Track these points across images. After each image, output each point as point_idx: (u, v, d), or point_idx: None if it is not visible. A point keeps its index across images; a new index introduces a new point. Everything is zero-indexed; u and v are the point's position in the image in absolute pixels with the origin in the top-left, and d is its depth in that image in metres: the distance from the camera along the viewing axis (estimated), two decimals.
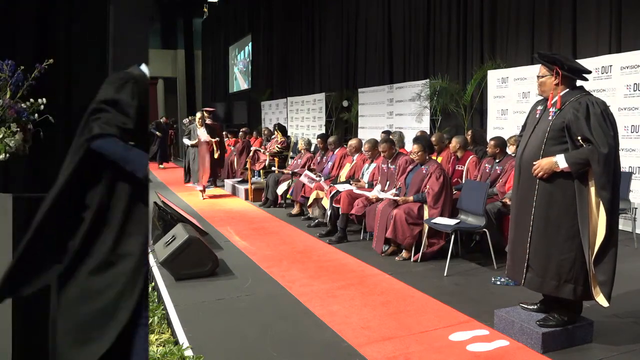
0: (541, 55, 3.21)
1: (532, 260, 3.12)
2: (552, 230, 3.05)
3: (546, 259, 3.06)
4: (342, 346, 3.22)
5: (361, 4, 12.93)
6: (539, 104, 3.30)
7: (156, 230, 5.59)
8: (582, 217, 2.96)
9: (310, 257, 5.31)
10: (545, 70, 3.16)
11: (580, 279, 3.00)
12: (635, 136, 6.02)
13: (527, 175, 3.14)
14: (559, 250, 3.03)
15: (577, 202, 2.97)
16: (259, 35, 19.82)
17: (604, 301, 2.95)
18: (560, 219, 3.02)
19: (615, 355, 3.02)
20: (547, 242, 3.06)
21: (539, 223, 3.08)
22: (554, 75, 3.10)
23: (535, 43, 8.08)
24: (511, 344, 3.18)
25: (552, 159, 3.01)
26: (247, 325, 3.58)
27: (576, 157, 2.95)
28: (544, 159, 3.04)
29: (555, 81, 3.10)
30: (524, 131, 3.34)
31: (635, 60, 6.01)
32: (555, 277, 3.04)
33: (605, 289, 2.95)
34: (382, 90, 11.44)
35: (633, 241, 5.50)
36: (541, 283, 3.11)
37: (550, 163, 3.01)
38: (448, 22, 9.92)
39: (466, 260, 5.00)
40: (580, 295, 3.04)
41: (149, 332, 3.40)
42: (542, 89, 3.19)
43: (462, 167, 6.00)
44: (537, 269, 3.10)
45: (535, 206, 3.09)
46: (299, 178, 7.36)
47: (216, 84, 25.76)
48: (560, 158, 2.99)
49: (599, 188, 2.91)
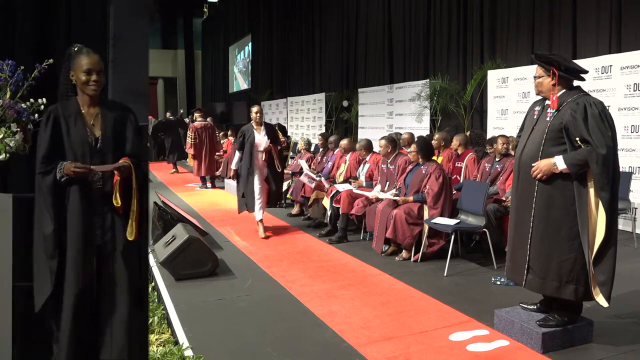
0: (538, 56, 3.20)
1: (532, 261, 3.12)
2: (552, 231, 3.04)
3: (547, 260, 3.06)
4: (342, 346, 3.22)
5: (361, 4, 12.93)
6: (536, 104, 3.29)
7: (156, 230, 5.59)
8: (582, 217, 2.96)
9: (310, 257, 5.31)
10: (541, 71, 3.15)
11: (581, 280, 3.00)
12: (635, 136, 6.02)
13: (526, 176, 3.13)
14: (559, 252, 3.03)
15: (576, 202, 2.97)
16: (259, 35, 19.84)
17: (603, 301, 2.95)
18: (561, 220, 3.02)
19: (615, 355, 3.02)
20: (548, 244, 3.06)
21: (539, 224, 3.08)
22: (550, 76, 3.09)
23: (535, 43, 8.09)
24: (511, 344, 3.17)
25: (551, 160, 3.01)
26: (247, 325, 3.58)
27: (575, 158, 2.95)
28: (543, 161, 3.03)
29: (552, 82, 3.09)
30: (522, 132, 3.34)
31: (635, 60, 6.01)
32: (556, 278, 3.04)
33: (605, 289, 2.95)
34: (382, 90, 11.44)
35: (633, 241, 5.50)
36: (542, 284, 3.10)
37: (549, 165, 3.01)
38: (448, 22, 9.92)
39: (466, 260, 5.00)
40: (581, 296, 3.04)
41: (149, 332, 3.40)
42: (540, 89, 3.19)
43: (462, 164, 6.01)
44: (538, 270, 3.09)
45: (535, 208, 3.09)
46: (299, 178, 7.36)
47: (216, 84, 25.78)
48: (559, 159, 2.98)
49: (598, 189, 2.91)
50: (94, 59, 2.27)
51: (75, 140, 2.29)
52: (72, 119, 2.30)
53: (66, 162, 2.24)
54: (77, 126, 2.30)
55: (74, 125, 2.30)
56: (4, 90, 2.22)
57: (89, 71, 2.27)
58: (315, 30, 15.41)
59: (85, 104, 2.35)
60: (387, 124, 11.01)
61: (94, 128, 2.33)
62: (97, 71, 2.28)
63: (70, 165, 2.23)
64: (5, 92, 2.22)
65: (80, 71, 2.28)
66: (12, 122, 2.21)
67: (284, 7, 17.39)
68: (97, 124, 2.33)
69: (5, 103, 2.20)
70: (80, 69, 2.27)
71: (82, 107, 2.34)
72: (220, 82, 25.09)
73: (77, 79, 2.30)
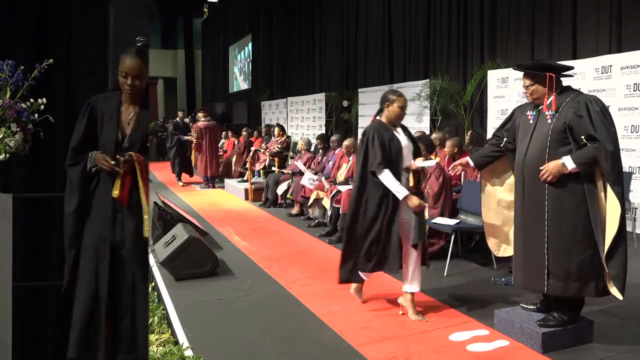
0: (528, 66, 3.22)
1: (552, 265, 3.06)
2: (567, 232, 3.02)
3: (567, 262, 3.03)
4: (342, 346, 3.22)
5: (361, 4, 12.93)
6: (527, 109, 3.27)
7: (156, 230, 5.59)
8: (594, 215, 2.95)
9: (311, 257, 5.31)
10: (530, 79, 3.15)
11: (601, 276, 3.00)
12: (635, 136, 6.01)
13: (533, 182, 3.11)
14: (577, 251, 3.01)
15: (587, 201, 2.97)
16: (259, 35, 19.83)
17: (618, 294, 2.95)
18: (574, 220, 3.01)
19: (615, 355, 3.02)
20: (565, 245, 3.03)
21: (554, 228, 3.05)
22: (546, 81, 3.08)
23: (535, 43, 8.09)
24: (511, 344, 3.18)
25: (559, 161, 3.00)
26: (247, 325, 3.58)
27: (583, 157, 2.95)
28: (551, 163, 3.02)
29: (546, 87, 3.09)
30: (520, 138, 3.27)
31: (635, 60, 6.01)
32: (577, 279, 3.02)
33: (619, 283, 2.94)
34: (382, 90, 11.37)
35: (633, 241, 5.49)
36: (565, 287, 3.06)
37: (558, 166, 2.99)
38: (448, 22, 9.92)
39: (466, 260, 5.00)
40: (602, 292, 3.03)
41: (149, 332, 3.40)
42: (535, 96, 3.17)
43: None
44: (559, 273, 3.05)
45: (548, 212, 3.06)
46: (299, 179, 7.36)
47: (216, 84, 25.77)
48: (568, 159, 2.98)
49: (611, 183, 2.91)
50: (132, 63, 2.33)
51: (105, 136, 2.38)
52: (108, 114, 2.39)
53: (97, 153, 2.33)
54: (111, 122, 2.38)
55: (109, 120, 2.38)
56: (4, 90, 2.22)
57: (125, 75, 2.34)
58: (315, 30, 15.40)
59: (126, 102, 2.42)
60: None
61: (128, 127, 2.39)
62: (134, 76, 2.34)
63: (101, 156, 2.31)
64: (5, 92, 2.22)
65: (120, 72, 2.35)
66: (12, 122, 2.20)
67: (284, 7, 17.38)
68: (132, 124, 2.40)
69: (5, 103, 2.19)
70: (121, 70, 2.35)
71: (123, 104, 2.41)
72: (220, 82, 25.07)
73: (119, 78, 2.37)
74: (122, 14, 2.49)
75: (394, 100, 3.62)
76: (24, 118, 2.25)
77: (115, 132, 2.38)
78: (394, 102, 3.62)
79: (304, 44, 16.13)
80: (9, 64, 2.22)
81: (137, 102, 2.42)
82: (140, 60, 2.35)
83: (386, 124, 3.64)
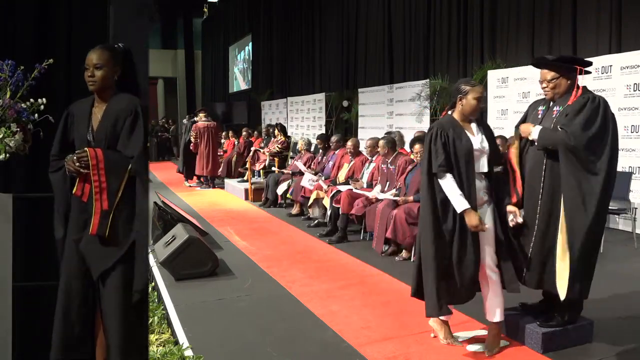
0: (554, 59, 3.14)
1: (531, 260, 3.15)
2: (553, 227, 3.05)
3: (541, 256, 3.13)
4: (342, 346, 3.22)
5: (361, 4, 12.93)
6: (539, 105, 3.28)
7: (156, 230, 5.59)
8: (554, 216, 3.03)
9: (310, 257, 5.31)
10: (555, 72, 3.07)
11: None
12: (635, 136, 6.01)
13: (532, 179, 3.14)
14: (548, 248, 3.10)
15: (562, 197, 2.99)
16: (259, 35, 19.82)
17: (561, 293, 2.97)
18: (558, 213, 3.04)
19: (615, 355, 3.02)
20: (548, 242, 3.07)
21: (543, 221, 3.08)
22: (571, 75, 3.05)
23: (535, 43, 8.09)
24: (511, 344, 3.17)
25: (531, 126, 3.09)
26: (247, 325, 3.58)
27: (549, 136, 3.00)
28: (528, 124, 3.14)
29: (569, 81, 3.06)
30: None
31: (635, 60, 6.01)
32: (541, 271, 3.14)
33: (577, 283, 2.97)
34: (382, 90, 11.43)
35: (633, 241, 5.49)
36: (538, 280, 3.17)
37: (529, 129, 3.10)
38: (448, 22, 9.92)
39: None
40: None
41: (149, 332, 3.40)
42: (557, 90, 3.08)
43: None
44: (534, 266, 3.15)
45: (540, 206, 3.08)
46: (299, 179, 7.36)
47: (216, 84, 25.76)
48: (537, 129, 3.06)
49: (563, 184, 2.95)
50: (90, 55, 2.25)
51: (77, 137, 2.32)
52: (81, 115, 2.33)
53: (68, 157, 2.24)
54: (83, 122, 2.32)
55: (80, 121, 2.32)
56: (4, 90, 2.22)
57: (86, 68, 2.27)
58: (315, 30, 15.40)
59: (96, 101, 2.34)
60: (387, 124, 11.00)
61: (98, 124, 2.31)
62: (94, 66, 2.24)
63: (69, 158, 2.23)
64: (5, 92, 2.22)
65: (83, 69, 2.28)
66: (12, 122, 2.20)
67: (284, 7, 17.37)
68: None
69: (5, 103, 2.19)
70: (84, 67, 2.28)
71: (95, 103, 2.34)
72: (220, 82, 25.06)
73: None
74: (122, 14, 2.48)
75: (468, 92, 2.99)
76: (24, 118, 2.25)
77: (85, 131, 2.30)
78: (468, 94, 2.99)
79: (304, 44, 16.12)
80: (9, 64, 2.22)
81: (107, 99, 2.31)
82: (101, 50, 2.25)
83: (457, 120, 3.05)
